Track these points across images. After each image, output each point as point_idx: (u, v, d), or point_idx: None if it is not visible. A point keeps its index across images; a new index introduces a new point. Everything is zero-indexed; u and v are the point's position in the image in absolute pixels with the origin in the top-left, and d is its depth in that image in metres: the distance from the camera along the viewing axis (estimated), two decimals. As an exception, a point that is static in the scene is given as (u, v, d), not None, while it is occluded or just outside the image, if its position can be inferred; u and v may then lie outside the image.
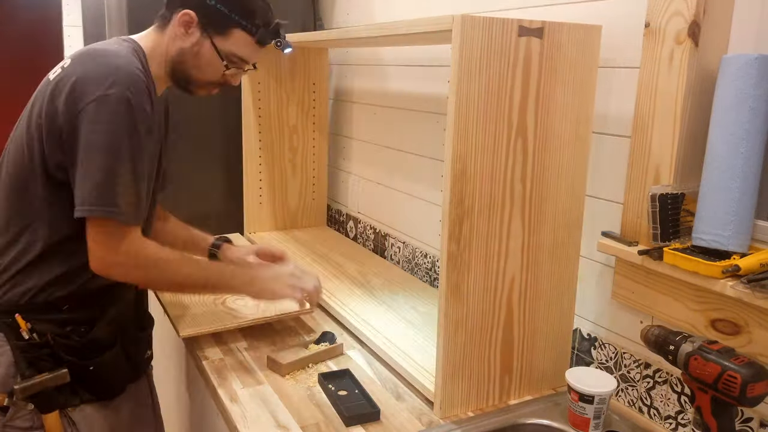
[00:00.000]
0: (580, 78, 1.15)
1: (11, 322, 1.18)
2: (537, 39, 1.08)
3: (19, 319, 1.17)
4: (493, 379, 1.20)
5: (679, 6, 1.06)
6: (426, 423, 1.14)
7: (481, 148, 1.08)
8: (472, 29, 1.02)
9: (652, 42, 1.11)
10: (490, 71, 1.05)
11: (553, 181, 1.17)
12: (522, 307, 1.19)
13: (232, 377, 1.29)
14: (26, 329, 1.17)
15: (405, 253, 1.95)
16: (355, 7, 2.13)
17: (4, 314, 1.19)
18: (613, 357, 1.25)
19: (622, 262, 1.19)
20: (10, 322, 1.18)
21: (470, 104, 1.05)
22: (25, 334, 1.17)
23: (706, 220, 1.02)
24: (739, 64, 0.97)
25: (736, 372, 0.88)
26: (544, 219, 1.18)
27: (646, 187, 1.13)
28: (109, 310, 1.26)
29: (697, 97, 1.07)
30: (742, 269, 0.95)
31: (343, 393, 1.22)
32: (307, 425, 1.13)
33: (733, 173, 0.99)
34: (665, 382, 1.15)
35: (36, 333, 1.18)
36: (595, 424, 1.10)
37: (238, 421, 1.13)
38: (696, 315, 1.07)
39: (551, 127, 1.14)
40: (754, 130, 0.98)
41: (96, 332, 1.23)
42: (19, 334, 1.18)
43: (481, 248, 1.12)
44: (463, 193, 1.08)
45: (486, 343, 1.17)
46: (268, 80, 2.10)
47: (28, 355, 1.18)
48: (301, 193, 2.26)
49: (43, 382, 1.17)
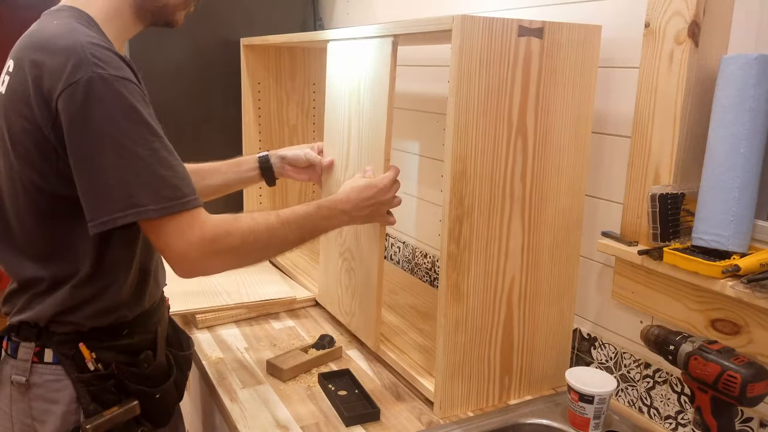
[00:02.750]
0: (580, 78, 1.15)
1: (74, 354, 1.03)
2: (537, 39, 1.08)
3: (83, 348, 1.03)
4: (493, 379, 1.20)
5: (679, 6, 1.06)
6: (426, 423, 1.14)
7: (481, 148, 1.08)
8: (472, 29, 1.02)
9: (652, 42, 1.11)
10: (490, 71, 1.05)
11: (553, 181, 1.17)
12: (522, 307, 1.19)
13: (232, 377, 1.29)
14: (91, 359, 1.04)
15: (405, 253, 1.95)
16: (355, 7, 2.13)
17: (64, 345, 1.03)
18: (613, 357, 1.25)
19: (622, 262, 1.19)
20: (73, 354, 1.03)
21: (470, 104, 1.05)
22: (90, 364, 1.03)
23: (706, 220, 1.02)
24: (739, 64, 0.97)
25: (736, 372, 0.88)
26: (544, 219, 1.18)
27: (646, 187, 1.13)
28: (159, 331, 1.15)
29: (697, 97, 1.07)
30: (742, 269, 0.95)
31: (343, 393, 1.22)
32: (306, 425, 1.13)
33: (733, 173, 0.99)
34: (665, 382, 1.15)
35: (101, 363, 1.05)
36: (595, 424, 1.10)
37: (238, 421, 1.13)
38: (696, 315, 1.07)
39: (551, 127, 1.14)
40: (754, 130, 0.98)
41: (158, 357, 1.12)
42: (82, 366, 1.03)
43: (481, 248, 1.12)
44: (463, 193, 1.08)
45: (486, 343, 1.17)
46: (268, 80, 2.10)
47: (92, 388, 1.04)
48: (301, 193, 2.26)
49: (114, 418, 1.03)
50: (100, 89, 0.90)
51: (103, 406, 1.04)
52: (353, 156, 1.38)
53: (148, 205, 0.91)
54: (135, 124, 0.92)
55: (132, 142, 0.91)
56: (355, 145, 1.37)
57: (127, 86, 0.92)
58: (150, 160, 0.92)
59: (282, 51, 2.09)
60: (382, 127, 1.25)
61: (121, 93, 0.91)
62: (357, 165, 1.36)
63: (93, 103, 0.89)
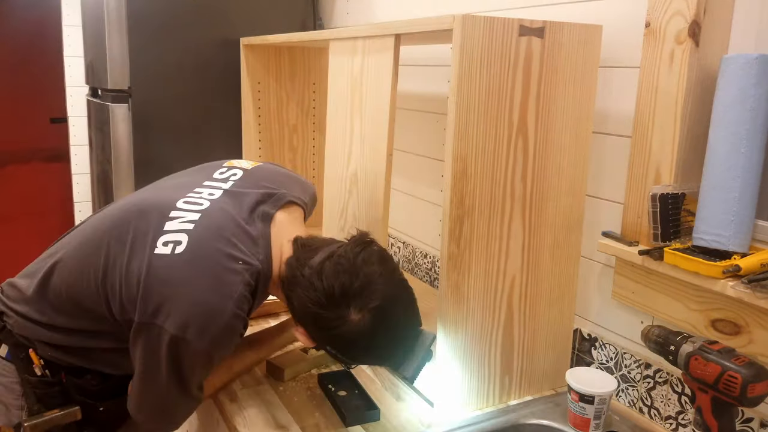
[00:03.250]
0: (580, 78, 1.15)
1: (24, 357, 1.12)
2: (538, 39, 1.08)
3: (33, 354, 1.11)
4: (493, 379, 1.20)
5: (680, 6, 1.05)
6: (426, 423, 1.14)
7: (481, 148, 1.08)
8: (472, 29, 1.02)
9: (652, 42, 1.11)
10: (490, 71, 1.05)
11: (554, 181, 1.17)
12: (522, 307, 1.19)
13: (232, 377, 1.29)
14: (39, 365, 1.11)
15: (405, 253, 1.95)
16: (355, 7, 2.13)
17: (19, 347, 1.12)
18: (613, 357, 1.25)
19: (622, 262, 1.19)
20: (23, 357, 1.12)
21: (471, 104, 1.05)
22: (37, 370, 1.11)
23: (706, 220, 1.02)
24: (740, 64, 0.97)
25: (736, 372, 0.88)
26: (544, 219, 1.18)
27: (646, 186, 1.13)
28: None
29: (698, 97, 1.07)
30: (742, 269, 0.94)
31: (343, 393, 1.22)
32: (306, 425, 1.12)
33: (733, 173, 0.99)
34: (666, 382, 1.15)
35: (49, 370, 1.12)
36: (596, 424, 1.10)
37: (238, 422, 1.13)
38: (696, 315, 1.06)
39: (552, 126, 1.14)
40: (755, 130, 0.98)
41: (114, 381, 1.17)
42: (31, 369, 1.12)
43: (482, 248, 1.12)
44: (464, 193, 1.08)
45: (486, 344, 1.17)
46: (268, 80, 2.10)
47: (38, 390, 1.12)
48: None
49: (53, 420, 1.11)
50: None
51: (47, 408, 1.12)
52: (355, 155, 1.38)
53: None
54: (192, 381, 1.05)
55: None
56: (357, 145, 1.37)
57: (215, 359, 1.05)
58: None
59: (282, 51, 2.09)
60: (384, 127, 1.25)
61: (205, 364, 1.04)
62: (358, 164, 1.36)
63: None
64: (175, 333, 0.95)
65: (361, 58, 1.33)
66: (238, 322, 1.00)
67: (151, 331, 0.97)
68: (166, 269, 0.99)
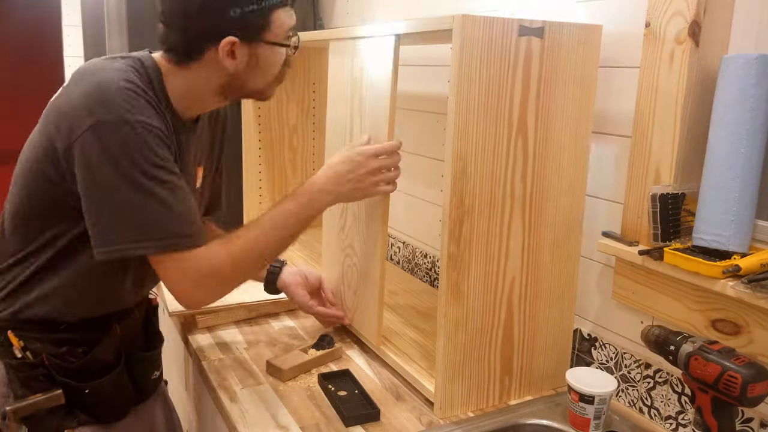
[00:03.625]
0: (580, 77, 1.15)
1: (3, 341, 1.11)
2: (537, 39, 1.08)
3: (11, 336, 1.11)
4: (493, 380, 1.20)
5: (680, 6, 1.05)
6: (426, 423, 1.14)
7: (481, 148, 1.08)
8: (472, 29, 1.02)
9: (652, 42, 1.11)
10: (490, 71, 1.05)
11: (554, 180, 1.17)
12: (522, 307, 1.19)
13: (232, 377, 1.29)
14: (19, 347, 1.11)
15: (405, 253, 1.95)
16: (355, 7, 2.13)
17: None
18: (613, 357, 1.25)
19: (622, 262, 1.19)
20: (3, 341, 1.11)
21: (470, 104, 1.05)
22: (17, 352, 1.11)
23: (706, 220, 1.02)
24: (740, 64, 0.97)
25: (736, 372, 0.88)
26: (544, 219, 1.18)
27: (646, 186, 1.13)
28: (114, 328, 1.18)
29: (698, 97, 1.07)
30: (742, 269, 0.94)
31: (343, 393, 1.22)
32: (306, 425, 1.12)
33: (733, 173, 0.99)
34: (666, 382, 1.15)
35: (30, 351, 1.11)
36: (596, 424, 1.10)
37: (238, 421, 1.13)
38: (696, 315, 1.06)
39: (552, 126, 1.14)
40: (755, 130, 0.98)
41: (96, 354, 1.15)
42: (11, 353, 1.11)
43: (481, 248, 1.12)
44: (464, 192, 1.08)
45: (486, 344, 1.17)
46: (268, 80, 2.09)
47: (21, 374, 1.11)
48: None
49: (36, 404, 1.10)
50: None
51: (32, 392, 1.11)
52: (353, 156, 1.37)
53: (146, 242, 1.02)
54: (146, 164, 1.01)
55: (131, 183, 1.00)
56: (356, 145, 1.36)
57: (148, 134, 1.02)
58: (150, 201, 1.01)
59: (282, 51, 2.09)
60: (384, 127, 1.25)
61: (140, 136, 1.00)
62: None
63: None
64: (88, 124, 0.98)
65: (361, 58, 1.33)
66: (132, 87, 1.02)
67: (74, 144, 1.00)
68: (64, 98, 1.06)
